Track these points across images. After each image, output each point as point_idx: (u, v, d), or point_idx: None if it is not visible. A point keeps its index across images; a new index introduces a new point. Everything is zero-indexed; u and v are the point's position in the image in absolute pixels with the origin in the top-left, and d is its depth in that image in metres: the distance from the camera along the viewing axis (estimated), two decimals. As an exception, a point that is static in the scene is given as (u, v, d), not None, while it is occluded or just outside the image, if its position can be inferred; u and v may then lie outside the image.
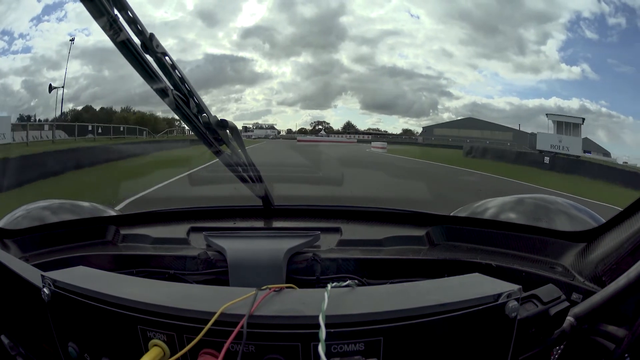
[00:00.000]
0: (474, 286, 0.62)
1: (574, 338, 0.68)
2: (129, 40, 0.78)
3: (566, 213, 1.17)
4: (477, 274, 0.67)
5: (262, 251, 0.94)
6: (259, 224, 1.27)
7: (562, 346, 0.72)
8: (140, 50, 0.81)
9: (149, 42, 0.82)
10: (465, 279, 0.66)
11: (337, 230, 1.15)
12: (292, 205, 1.35)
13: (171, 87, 0.89)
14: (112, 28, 0.76)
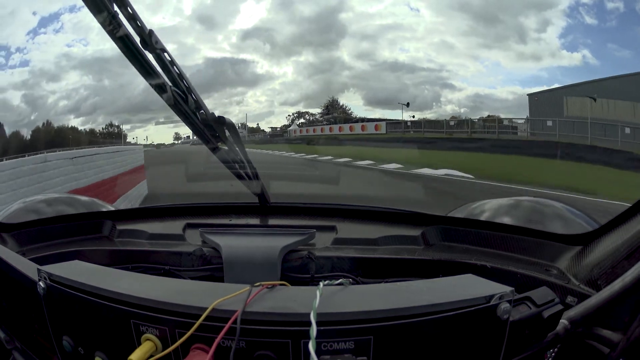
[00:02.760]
0: (466, 287, 0.62)
1: (568, 341, 0.68)
2: (127, 36, 0.78)
3: (562, 216, 1.17)
4: (470, 274, 0.67)
5: (257, 248, 0.94)
6: (255, 221, 1.27)
7: (555, 349, 0.72)
8: (139, 46, 0.81)
9: (148, 38, 0.82)
10: (458, 279, 0.66)
11: (332, 228, 1.15)
12: (288, 202, 1.35)
13: (169, 84, 0.88)
14: (111, 24, 0.76)
